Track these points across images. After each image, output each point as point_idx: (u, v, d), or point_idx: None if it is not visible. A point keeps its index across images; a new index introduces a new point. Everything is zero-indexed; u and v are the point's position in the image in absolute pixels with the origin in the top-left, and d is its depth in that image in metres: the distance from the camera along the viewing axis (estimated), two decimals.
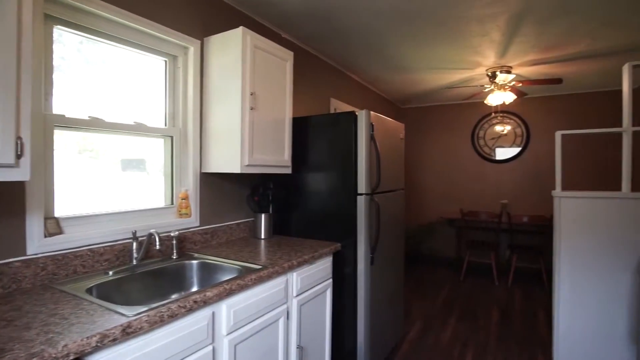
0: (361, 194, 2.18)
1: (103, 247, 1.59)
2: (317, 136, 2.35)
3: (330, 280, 2.12)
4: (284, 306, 1.72)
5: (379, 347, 2.42)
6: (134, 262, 1.63)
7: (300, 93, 3.05)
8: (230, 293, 1.38)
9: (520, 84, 3.75)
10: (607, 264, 2.23)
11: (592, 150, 4.69)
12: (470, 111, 5.43)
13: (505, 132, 5.21)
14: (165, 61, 2.04)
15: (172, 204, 2.05)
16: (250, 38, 1.99)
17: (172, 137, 2.04)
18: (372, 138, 2.19)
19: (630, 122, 2.25)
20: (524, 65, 3.62)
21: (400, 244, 2.77)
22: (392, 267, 2.60)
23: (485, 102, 4.07)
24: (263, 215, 2.31)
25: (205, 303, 1.27)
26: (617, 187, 2.29)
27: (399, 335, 2.79)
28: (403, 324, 3.19)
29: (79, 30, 1.61)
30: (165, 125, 2.04)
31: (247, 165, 1.97)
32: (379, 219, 2.27)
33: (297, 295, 1.82)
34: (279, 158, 2.22)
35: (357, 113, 2.19)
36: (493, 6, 2.36)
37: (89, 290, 1.33)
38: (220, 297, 1.33)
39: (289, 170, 2.32)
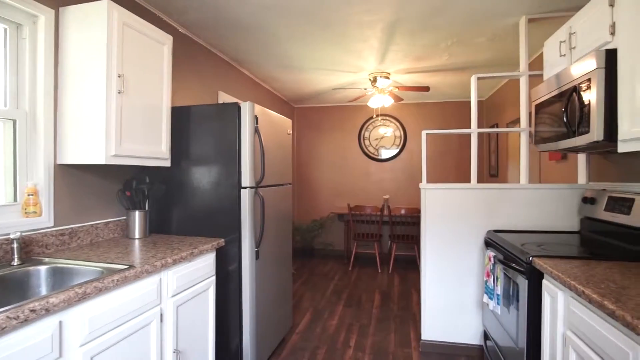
0: (245, 188, 2.14)
1: None
2: (200, 127, 2.23)
3: (213, 277, 2.03)
4: (157, 308, 1.58)
5: (267, 342, 2.41)
6: None
7: (185, 83, 2.86)
8: (84, 298, 1.20)
9: (397, 89, 4.17)
10: (461, 245, 2.61)
11: (455, 150, 5.50)
12: (356, 113, 5.83)
13: (387, 134, 5.73)
14: (6, 29, 1.69)
15: (16, 201, 1.71)
16: (119, 14, 1.78)
17: (14, 121, 1.70)
18: (256, 130, 2.17)
19: (476, 124, 2.68)
20: (400, 73, 4.04)
21: (288, 237, 2.81)
22: (280, 261, 2.63)
23: (368, 104, 4.41)
24: (137, 213, 2.09)
25: (49, 311, 1.08)
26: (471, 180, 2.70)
27: (287, 328, 2.82)
28: (293, 316, 3.25)
29: None
30: (5, 106, 1.69)
31: (115, 156, 1.76)
32: (264, 212, 2.26)
33: (174, 296, 1.70)
34: (155, 149, 2.04)
35: (240, 104, 2.14)
36: (370, 14, 2.56)
37: None
38: (69, 304, 1.15)
39: (167, 163, 2.15)
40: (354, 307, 3.55)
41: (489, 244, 2.35)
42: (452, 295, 2.63)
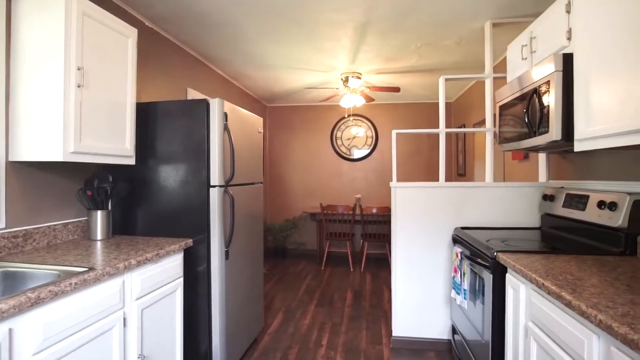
0: (214, 186, 2.09)
1: None
2: (167, 124, 2.16)
3: (181, 279, 1.97)
4: (120, 312, 1.51)
5: (237, 344, 2.36)
6: None
7: (153, 79, 2.76)
8: (37, 303, 1.13)
9: (368, 89, 4.21)
10: (430, 242, 2.66)
11: (425, 151, 5.63)
12: (329, 113, 5.85)
13: (359, 134, 5.78)
14: None
15: None
16: (78, 3, 1.69)
17: None
18: (225, 128, 2.12)
19: (444, 124, 2.74)
20: (371, 73, 4.08)
21: (259, 237, 2.77)
22: (251, 261, 2.59)
23: (340, 104, 4.43)
24: (99, 213, 2.00)
25: None
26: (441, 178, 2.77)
27: (259, 329, 2.78)
28: (264, 317, 3.21)
29: None
30: None
31: (74, 153, 1.67)
32: (234, 212, 2.22)
33: (138, 299, 1.63)
34: (118, 146, 1.95)
35: (209, 101, 2.09)
36: (339, 12, 2.56)
37: None
38: (21, 309, 1.07)
39: (132, 161, 2.06)
40: (326, 306, 3.55)
41: (456, 240, 2.41)
42: (421, 291, 2.68)
